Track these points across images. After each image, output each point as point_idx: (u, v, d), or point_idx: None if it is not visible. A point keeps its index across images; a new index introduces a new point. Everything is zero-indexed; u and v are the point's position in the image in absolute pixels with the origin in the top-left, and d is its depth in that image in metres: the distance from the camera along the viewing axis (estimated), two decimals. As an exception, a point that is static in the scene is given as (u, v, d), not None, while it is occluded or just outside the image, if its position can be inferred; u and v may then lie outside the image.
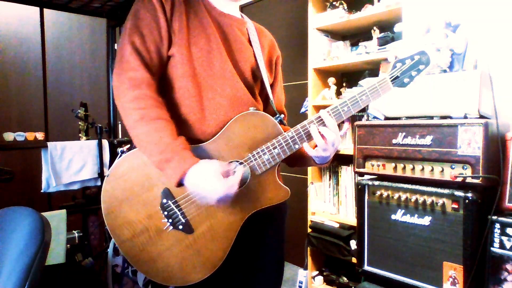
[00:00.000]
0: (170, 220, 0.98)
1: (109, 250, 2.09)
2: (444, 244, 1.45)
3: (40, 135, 2.63)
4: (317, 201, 2.57)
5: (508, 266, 1.34)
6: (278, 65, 1.25)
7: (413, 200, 1.54)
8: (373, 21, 2.29)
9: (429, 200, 1.49)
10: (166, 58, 1.01)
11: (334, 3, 2.44)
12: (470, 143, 1.40)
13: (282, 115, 1.08)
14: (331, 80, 2.48)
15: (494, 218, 1.37)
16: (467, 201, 1.39)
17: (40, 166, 2.50)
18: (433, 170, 1.51)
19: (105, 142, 2.74)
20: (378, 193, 1.64)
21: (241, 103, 1.05)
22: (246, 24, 1.15)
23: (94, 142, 2.69)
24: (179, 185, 0.92)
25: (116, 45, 3.30)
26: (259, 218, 1.04)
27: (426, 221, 1.51)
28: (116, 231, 0.99)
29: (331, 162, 2.50)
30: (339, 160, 2.49)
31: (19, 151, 3.25)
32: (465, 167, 1.43)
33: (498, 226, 1.36)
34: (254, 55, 1.11)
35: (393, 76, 1.03)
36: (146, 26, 0.98)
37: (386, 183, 1.63)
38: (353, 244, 2.23)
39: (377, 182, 1.66)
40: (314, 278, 2.57)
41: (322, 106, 2.49)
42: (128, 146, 1.10)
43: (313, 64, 2.53)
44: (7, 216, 1.17)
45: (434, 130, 1.50)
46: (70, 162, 2.57)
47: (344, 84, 2.59)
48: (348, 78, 2.65)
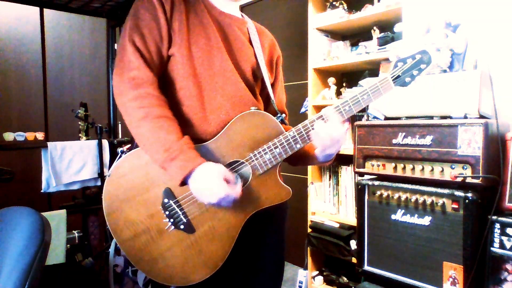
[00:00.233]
0: (172, 220, 0.98)
1: (110, 250, 2.09)
2: (444, 244, 1.46)
3: (40, 135, 2.62)
4: (317, 201, 2.57)
5: (508, 266, 1.34)
6: (279, 65, 1.25)
7: (413, 200, 1.54)
8: (373, 21, 2.29)
9: (429, 200, 1.49)
10: (167, 58, 1.01)
11: (334, 3, 2.44)
12: (470, 143, 1.40)
13: (283, 115, 1.08)
14: (331, 80, 2.49)
15: (494, 218, 1.37)
16: (467, 201, 1.39)
17: (40, 166, 2.49)
18: (433, 170, 1.51)
19: (105, 142, 2.74)
20: (378, 193, 1.64)
21: (242, 103, 1.05)
22: (247, 24, 1.15)
23: (94, 142, 2.69)
24: (182, 184, 0.92)
25: (116, 45, 3.29)
26: (260, 218, 1.04)
27: (426, 221, 1.51)
28: (117, 231, 0.99)
29: (331, 162, 2.52)
30: (339, 160, 2.49)
31: (19, 151, 3.24)
32: (465, 167, 1.43)
33: (498, 226, 1.36)
34: (255, 55, 1.11)
35: (394, 75, 1.03)
36: (146, 26, 0.98)
37: (386, 183, 1.63)
38: (353, 244, 2.23)
39: (377, 182, 1.66)
40: (314, 278, 2.58)
41: (322, 106, 2.49)
42: (128, 146, 1.10)
43: (313, 64, 2.54)
44: (7, 216, 1.17)
45: (434, 130, 1.50)
46: (70, 162, 2.57)
47: (344, 84, 2.59)
48: (348, 78, 2.65)
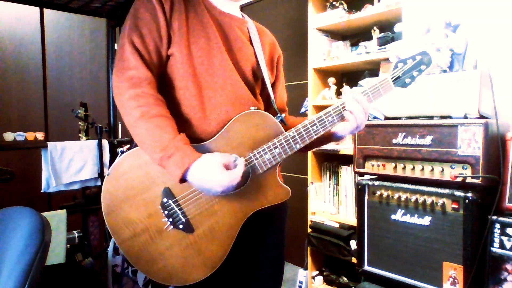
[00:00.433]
0: (171, 219, 0.98)
1: (109, 249, 2.09)
2: (444, 244, 1.45)
3: (40, 135, 2.62)
4: (317, 201, 2.57)
5: (508, 266, 1.34)
6: (280, 64, 1.25)
7: (413, 200, 1.54)
8: (373, 21, 2.29)
9: (429, 200, 1.49)
10: (166, 58, 1.01)
11: (334, 3, 2.44)
12: (470, 143, 1.40)
13: (283, 115, 1.08)
14: (331, 80, 2.49)
15: (494, 218, 1.37)
16: (467, 201, 1.39)
17: (40, 166, 2.49)
18: (433, 170, 1.51)
19: (105, 142, 2.74)
20: (378, 193, 1.64)
21: (242, 102, 1.05)
22: (247, 23, 1.15)
23: (94, 142, 2.69)
24: (182, 181, 0.92)
25: (116, 45, 3.30)
26: (260, 217, 1.04)
27: (426, 221, 1.51)
28: (116, 231, 0.99)
29: (331, 162, 2.53)
30: (339, 160, 2.50)
31: (19, 151, 3.25)
32: (465, 167, 1.43)
33: (498, 226, 1.36)
34: (255, 55, 1.11)
35: (394, 76, 1.03)
36: (145, 26, 0.98)
37: (386, 183, 1.63)
38: (353, 244, 2.23)
39: (377, 182, 1.66)
40: (314, 278, 2.57)
41: (322, 106, 2.49)
42: (128, 146, 1.10)
43: (313, 64, 2.53)
44: (7, 216, 1.17)
45: (434, 130, 1.50)
46: (70, 162, 2.56)
47: (344, 84, 2.59)
48: (348, 78, 2.65)
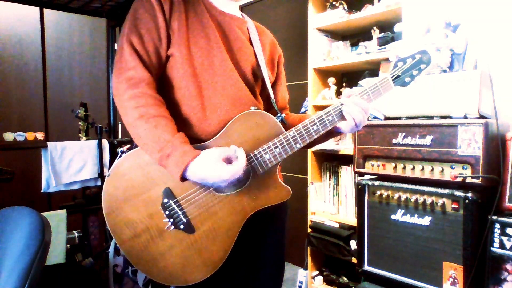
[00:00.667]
0: (171, 219, 0.98)
1: (110, 250, 2.09)
2: (444, 244, 1.46)
3: (40, 135, 2.62)
4: (317, 201, 2.57)
5: (508, 266, 1.34)
6: (280, 63, 1.25)
7: (413, 200, 1.54)
8: (373, 21, 2.29)
9: (429, 200, 1.49)
10: (165, 58, 1.01)
11: (334, 3, 2.44)
12: (470, 143, 1.40)
13: (283, 114, 1.08)
14: (331, 80, 2.49)
15: (494, 218, 1.37)
16: (467, 201, 1.39)
17: (40, 166, 2.49)
18: (433, 170, 1.51)
19: (105, 142, 2.73)
20: (378, 193, 1.64)
21: (242, 102, 1.05)
22: (247, 23, 1.15)
23: (94, 142, 2.69)
24: (183, 179, 0.92)
25: (116, 45, 3.29)
26: (260, 217, 1.04)
27: (426, 221, 1.51)
28: (117, 231, 0.99)
29: (331, 162, 2.53)
30: (339, 160, 2.50)
31: (19, 151, 3.24)
32: (465, 167, 1.43)
33: (498, 226, 1.36)
34: (255, 54, 1.11)
35: (394, 75, 1.03)
36: (144, 26, 0.98)
37: (386, 183, 1.63)
38: (353, 244, 2.23)
39: (377, 182, 1.66)
40: (314, 278, 2.58)
41: (322, 106, 2.49)
42: (128, 146, 1.10)
43: (313, 64, 2.54)
44: (7, 216, 1.17)
45: (434, 130, 1.50)
46: (70, 162, 2.56)
47: (344, 84, 2.59)
48: (348, 78, 2.65)
